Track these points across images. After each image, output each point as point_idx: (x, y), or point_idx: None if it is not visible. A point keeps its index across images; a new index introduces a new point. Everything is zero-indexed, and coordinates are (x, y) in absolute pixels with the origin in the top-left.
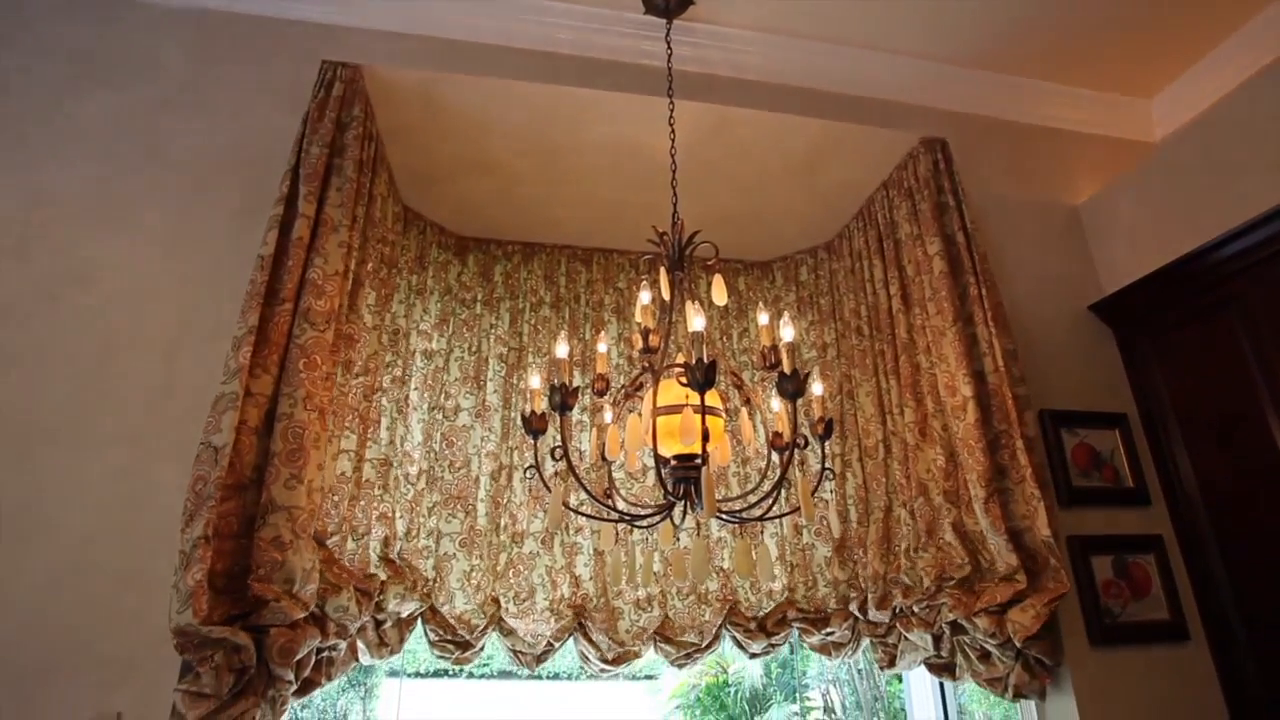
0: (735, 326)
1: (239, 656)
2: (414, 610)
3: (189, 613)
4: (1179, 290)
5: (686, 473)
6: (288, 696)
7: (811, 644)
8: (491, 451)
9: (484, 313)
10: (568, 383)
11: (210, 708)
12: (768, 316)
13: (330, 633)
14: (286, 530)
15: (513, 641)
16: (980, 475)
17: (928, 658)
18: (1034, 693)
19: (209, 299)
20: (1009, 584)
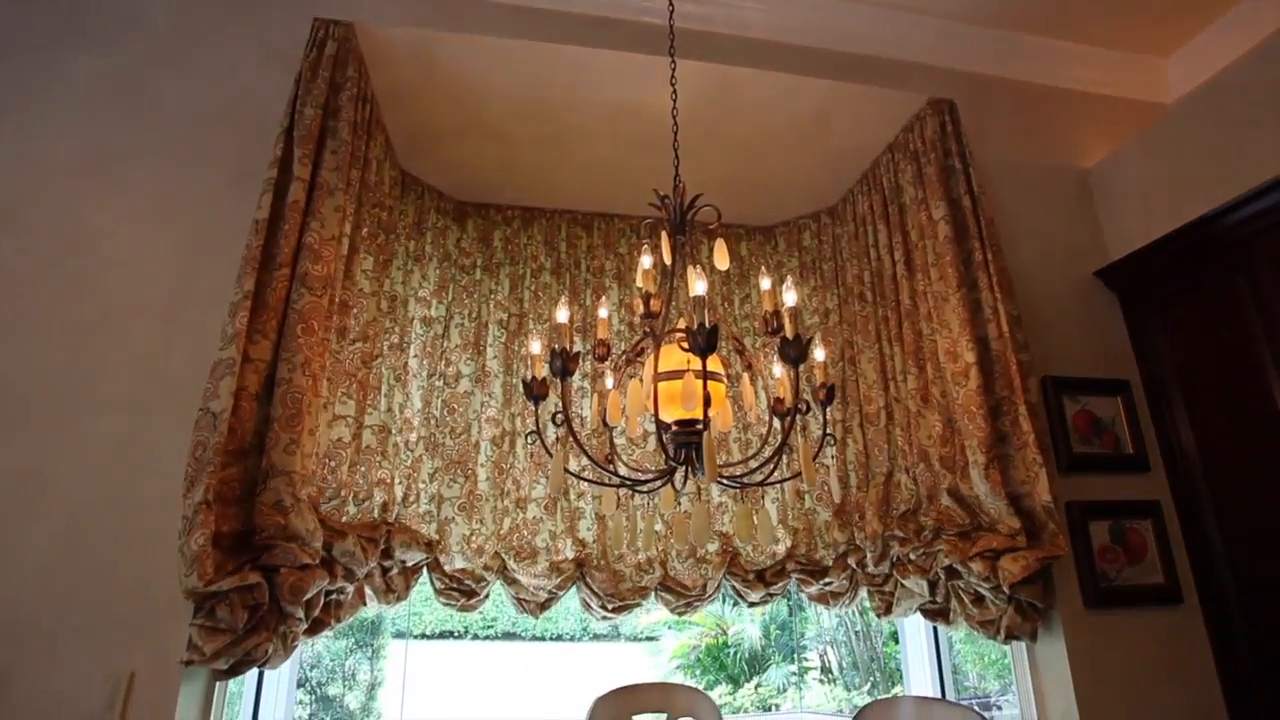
0: (737, 292)
1: (252, 594)
2: (419, 560)
3: (194, 576)
4: (1187, 256)
5: (688, 438)
6: (299, 633)
7: (810, 594)
8: (492, 417)
9: (484, 279)
10: (568, 348)
11: (226, 641)
12: (770, 281)
13: (338, 575)
14: (287, 495)
15: (516, 590)
16: (981, 441)
17: (923, 604)
18: (1025, 635)
19: (206, 264)
20: (1006, 536)
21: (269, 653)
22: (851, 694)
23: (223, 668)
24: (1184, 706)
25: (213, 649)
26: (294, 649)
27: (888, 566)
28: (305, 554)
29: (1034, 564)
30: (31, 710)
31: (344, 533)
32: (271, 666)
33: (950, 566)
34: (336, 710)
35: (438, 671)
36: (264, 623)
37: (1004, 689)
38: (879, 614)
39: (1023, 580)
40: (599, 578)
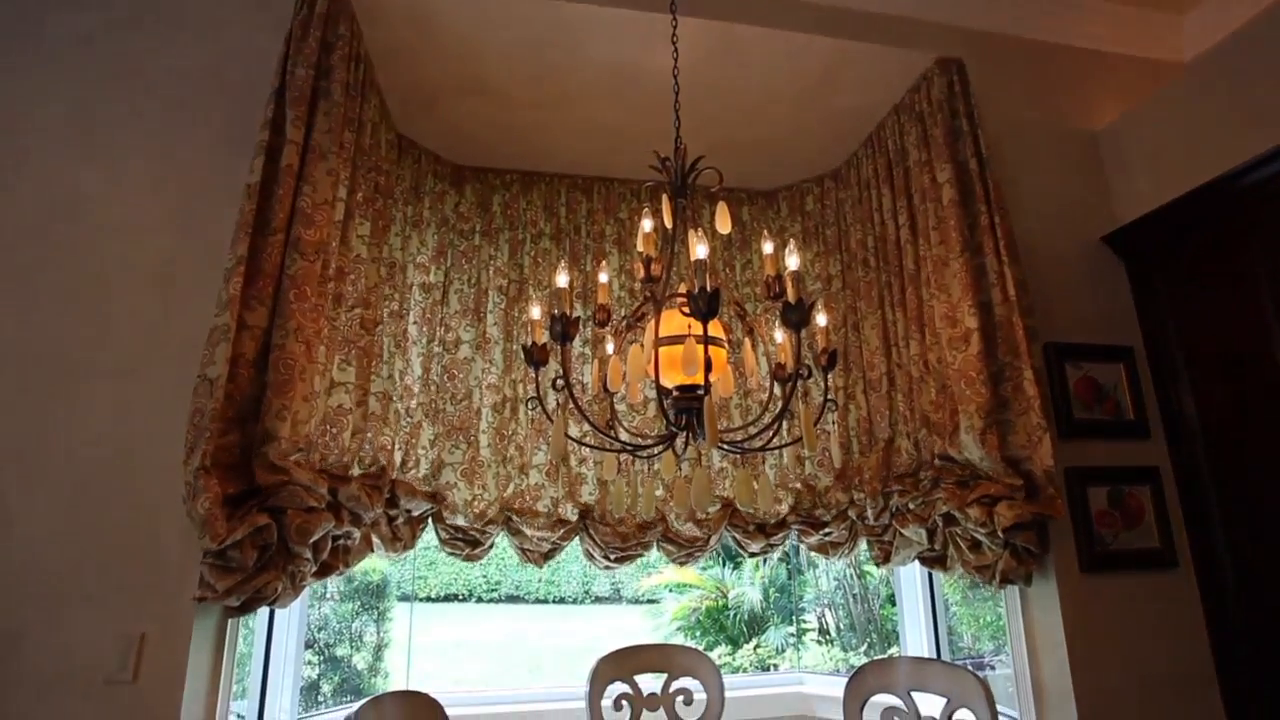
0: (738, 258)
1: (262, 535)
2: (424, 510)
3: (207, 539)
4: (1198, 220)
5: (689, 403)
6: (306, 573)
7: (810, 544)
8: (493, 384)
9: (483, 244)
10: (568, 313)
11: (237, 580)
12: (772, 245)
13: (345, 520)
14: (278, 459)
15: (520, 540)
16: (979, 407)
17: (921, 551)
18: (1020, 579)
19: (201, 229)
20: (1005, 486)
21: (278, 591)
22: (848, 654)
23: (234, 604)
24: (1173, 668)
25: (224, 586)
26: (303, 589)
27: (887, 517)
28: (311, 497)
29: (1027, 515)
30: (45, 670)
31: (347, 479)
32: (281, 605)
33: (948, 514)
34: (344, 670)
35: (443, 633)
36: (273, 562)
37: (997, 650)
38: (878, 563)
39: (1017, 525)
40: (601, 530)
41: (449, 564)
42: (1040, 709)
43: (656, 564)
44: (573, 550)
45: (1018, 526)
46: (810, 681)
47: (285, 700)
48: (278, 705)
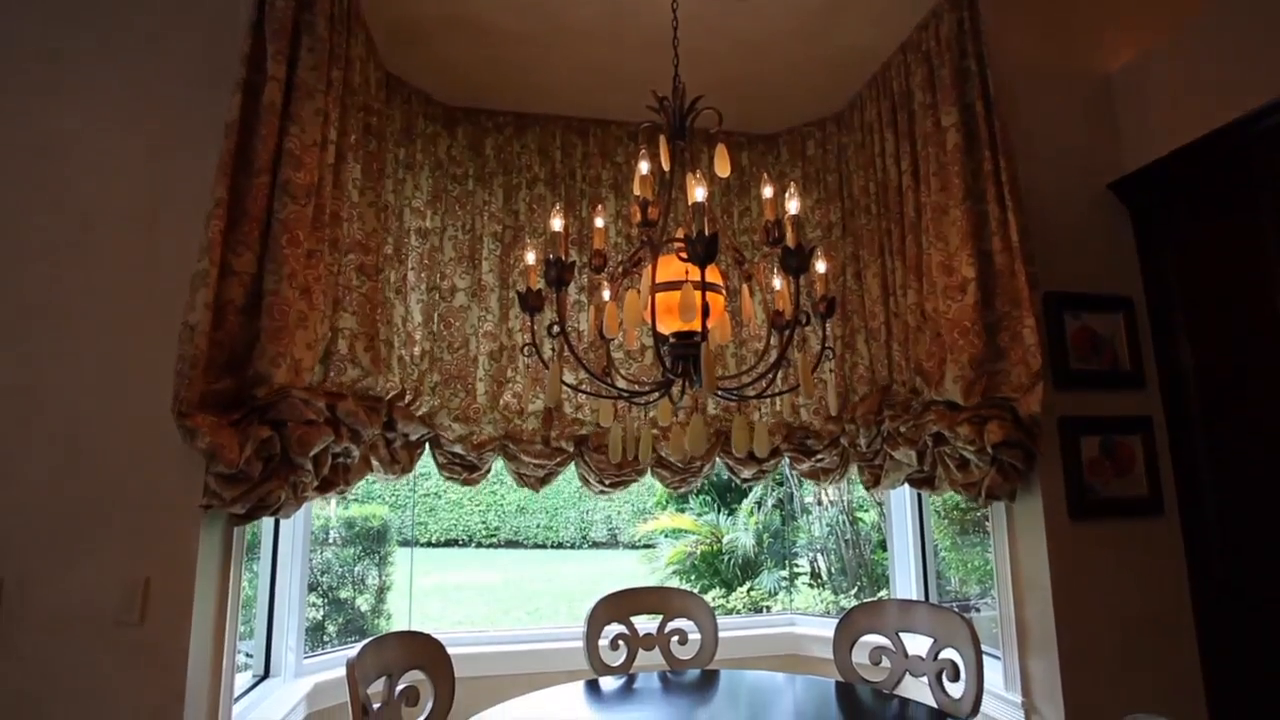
0: (737, 204)
1: (266, 446)
2: (421, 435)
3: (222, 466)
4: (1208, 168)
5: (686, 350)
6: (308, 485)
7: (801, 470)
8: (490, 331)
9: (477, 189)
10: (564, 257)
11: (243, 489)
12: (771, 189)
13: (344, 436)
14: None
15: (517, 465)
16: (972, 358)
17: (910, 473)
18: (1005, 495)
19: (183, 170)
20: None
21: (281, 500)
22: (839, 597)
23: (239, 512)
24: (1153, 611)
25: (231, 495)
26: (304, 500)
27: (879, 443)
28: (310, 410)
29: (1016, 436)
30: (53, 614)
31: (344, 395)
32: (284, 515)
33: (938, 434)
34: (348, 612)
35: (443, 577)
36: (276, 472)
37: (983, 593)
38: (868, 486)
39: (1005, 442)
40: (596, 458)
41: (449, 510)
42: (1023, 649)
43: (653, 510)
44: (571, 498)
45: (1006, 444)
46: (802, 623)
47: (291, 640)
48: (284, 645)
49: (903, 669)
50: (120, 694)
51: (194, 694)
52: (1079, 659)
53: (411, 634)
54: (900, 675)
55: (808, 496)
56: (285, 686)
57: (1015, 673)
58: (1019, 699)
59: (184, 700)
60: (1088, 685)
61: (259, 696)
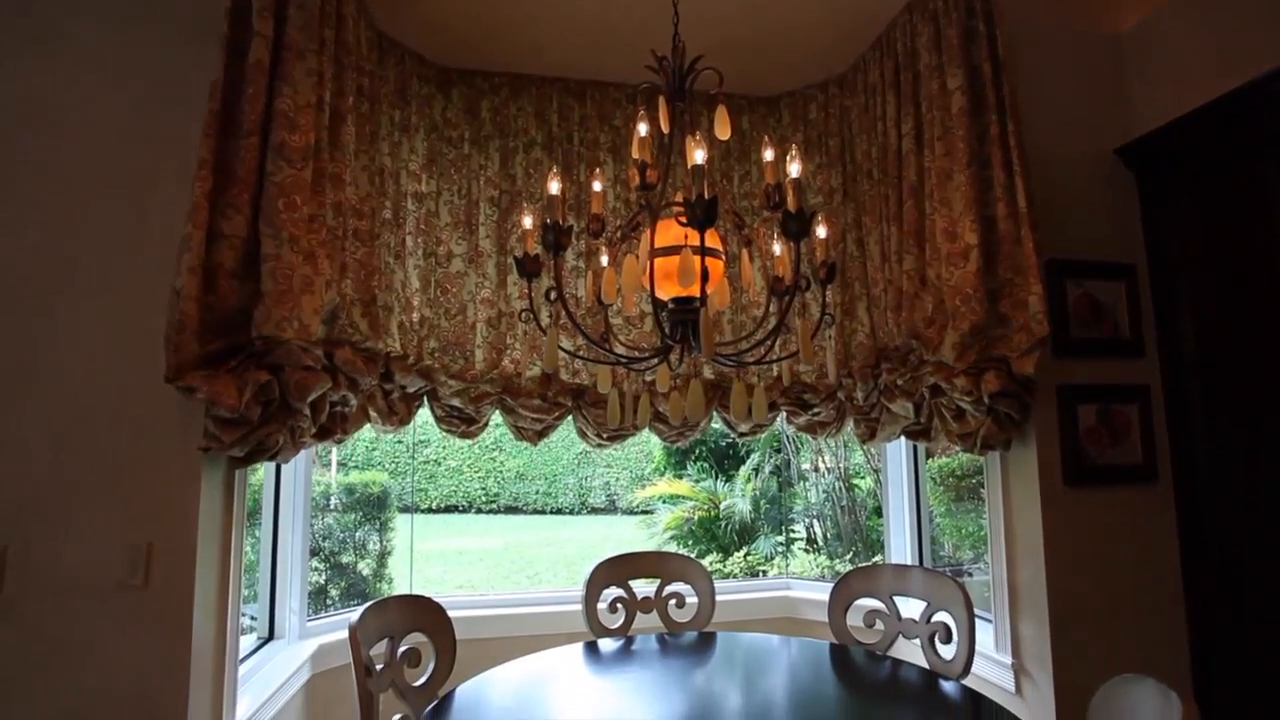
0: (737, 169)
1: (264, 391)
2: (419, 387)
3: (222, 410)
4: (1217, 133)
5: (684, 316)
6: (306, 430)
7: (798, 424)
8: (487, 298)
9: (472, 153)
10: (561, 221)
11: (242, 432)
12: (772, 152)
13: (342, 384)
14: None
15: (515, 419)
16: (973, 325)
17: (907, 425)
18: (1000, 444)
19: (173, 132)
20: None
21: (279, 444)
22: (834, 562)
23: (239, 455)
24: (1143, 576)
25: (230, 438)
26: (302, 445)
27: (875, 396)
28: (307, 357)
29: (1010, 388)
30: (58, 578)
31: (341, 343)
32: (283, 459)
33: (935, 385)
34: (350, 576)
35: (443, 542)
36: (275, 417)
37: (976, 558)
38: (863, 440)
39: (1001, 392)
40: (594, 412)
41: (448, 477)
42: (1014, 612)
43: (651, 476)
44: (570, 465)
45: (1002, 394)
46: (797, 587)
47: (294, 603)
48: (287, 608)
49: (896, 631)
50: (127, 656)
51: (199, 655)
52: (1069, 622)
53: (412, 597)
54: (893, 637)
55: (805, 464)
56: (289, 648)
57: (1006, 635)
58: (1009, 660)
59: (190, 661)
60: (1077, 648)
61: (264, 658)
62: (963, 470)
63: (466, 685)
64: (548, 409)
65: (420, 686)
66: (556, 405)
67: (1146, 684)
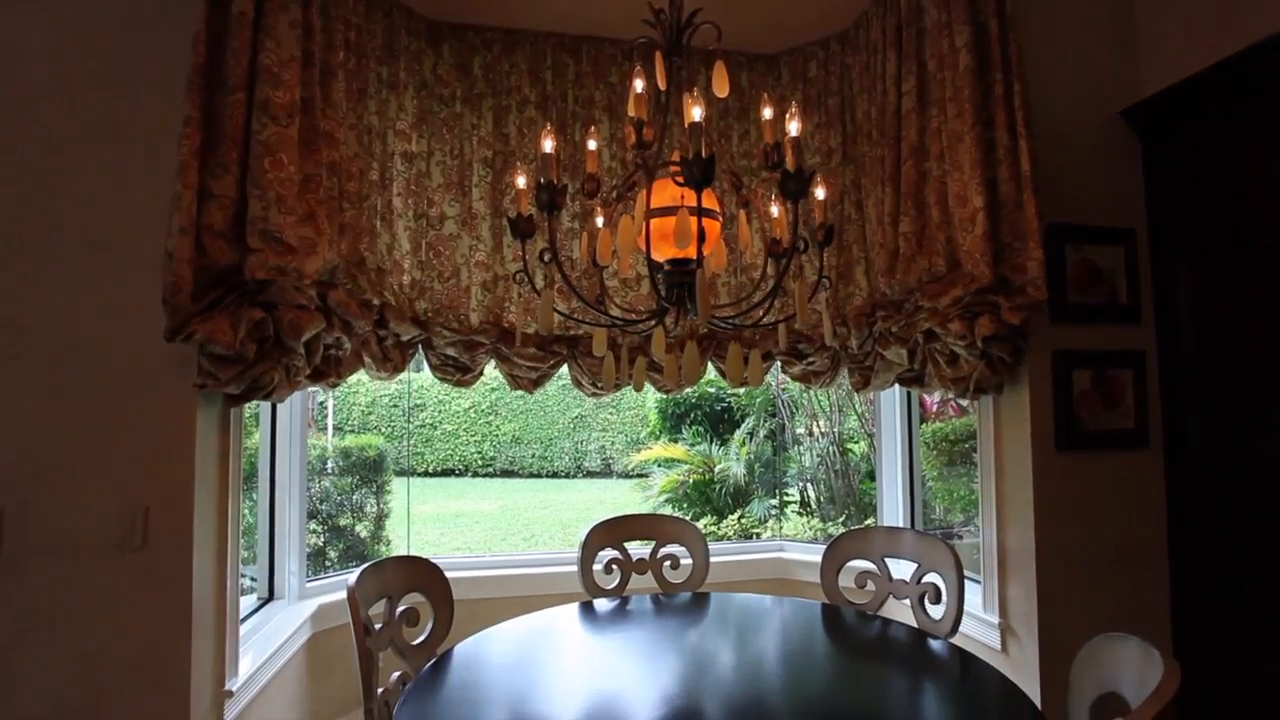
0: (736, 128)
1: (259, 329)
2: (413, 336)
3: (219, 348)
4: (1225, 96)
5: (680, 278)
6: (300, 370)
7: (792, 374)
8: (482, 261)
9: (464, 111)
10: (555, 181)
11: (238, 370)
12: (771, 111)
13: (336, 326)
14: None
15: (510, 368)
16: (979, 290)
17: (901, 373)
18: (992, 388)
19: (155, 87)
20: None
21: (275, 381)
22: (827, 525)
23: (234, 392)
24: (1130, 539)
25: (227, 375)
26: (297, 386)
27: (870, 344)
28: (301, 296)
29: (1004, 329)
30: (56, 541)
31: (335, 285)
32: (277, 398)
33: (929, 330)
34: (348, 538)
35: (440, 505)
36: (269, 355)
37: (966, 521)
38: (857, 388)
39: (995, 335)
40: (589, 361)
41: (444, 441)
42: (1002, 573)
43: (646, 440)
44: (565, 428)
45: (995, 337)
46: (790, 549)
47: (293, 564)
48: (286, 569)
49: (886, 592)
50: (128, 614)
51: (200, 613)
52: (1055, 583)
53: (409, 558)
54: (884, 598)
55: (799, 428)
56: (290, 608)
57: (994, 596)
58: (996, 620)
59: (191, 619)
60: (1062, 608)
61: (264, 617)
62: (956, 435)
63: (465, 643)
64: (543, 357)
65: (419, 645)
66: (552, 354)
67: (1130, 641)
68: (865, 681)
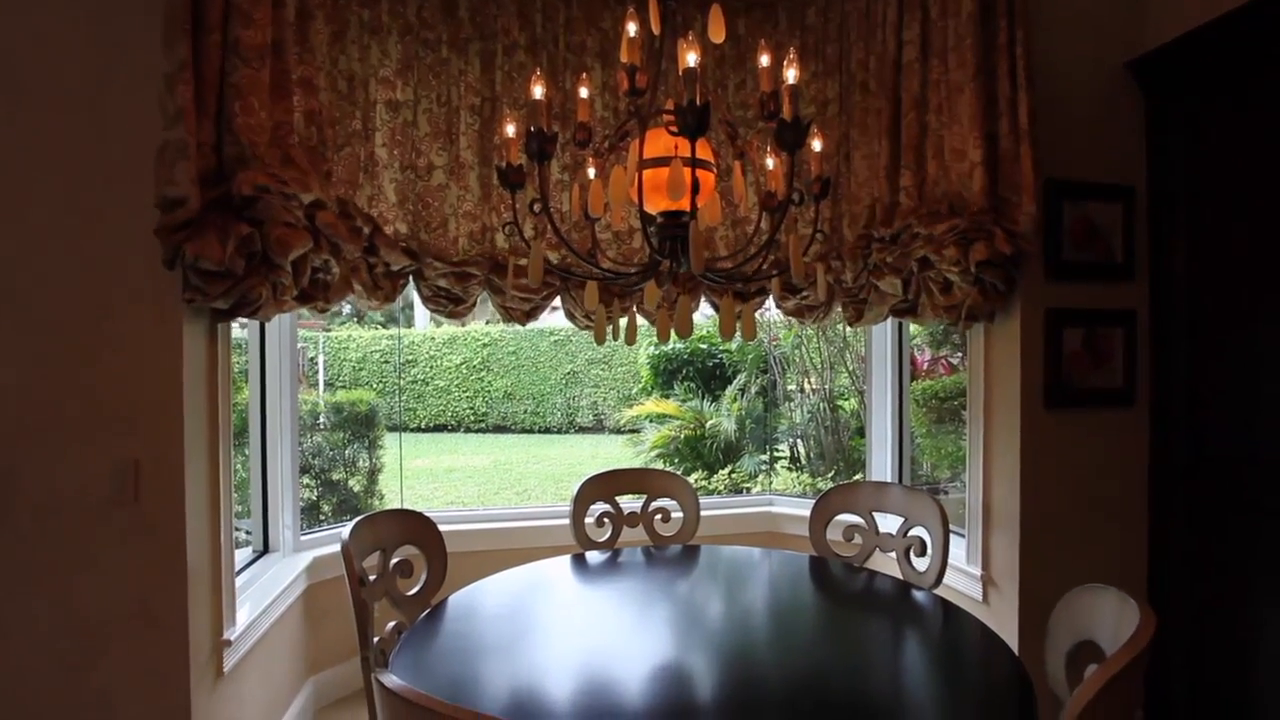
0: (731, 78)
1: (247, 244)
2: (404, 267)
3: (208, 264)
4: (1233, 48)
5: (674, 230)
6: (288, 287)
7: (786, 308)
8: (469, 211)
9: (451, 57)
10: (545, 128)
11: (227, 285)
12: (768, 58)
13: (324, 248)
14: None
15: (503, 299)
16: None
17: (894, 304)
18: (984, 315)
19: (130, 30)
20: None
21: (262, 298)
22: (816, 480)
23: (223, 307)
24: (1111, 495)
25: (216, 290)
26: (284, 306)
27: (865, 277)
28: (288, 213)
29: (998, 255)
30: (49, 497)
31: (323, 205)
32: (264, 316)
33: (924, 258)
34: (342, 493)
35: (433, 460)
36: (257, 271)
37: (953, 477)
38: (850, 322)
39: (988, 261)
40: (582, 294)
41: (436, 396)
42: (987, 527)
43: (638, 396)
44: (557, 384)
45: (988, 263)
46: (780, 503)
47: (287, 517)
48: (280, 522)
49: (873, 545)
50: (125, 568)
51: (196, 564)
52: (1038, 537)
53: (402, 511)
54: (870, 551)
55: (791, 385)
56: (285, 561)
57: (977, 549)
58: (978, 572)
59: (186, 570)
60: (1043, 561)
61: (260, 570)
62: (945, 393)
63: (459, 593)
64: (536, 289)
65: (413, 596)
66: (545, 285)
67: (1109, 592)
68: (850, 630)
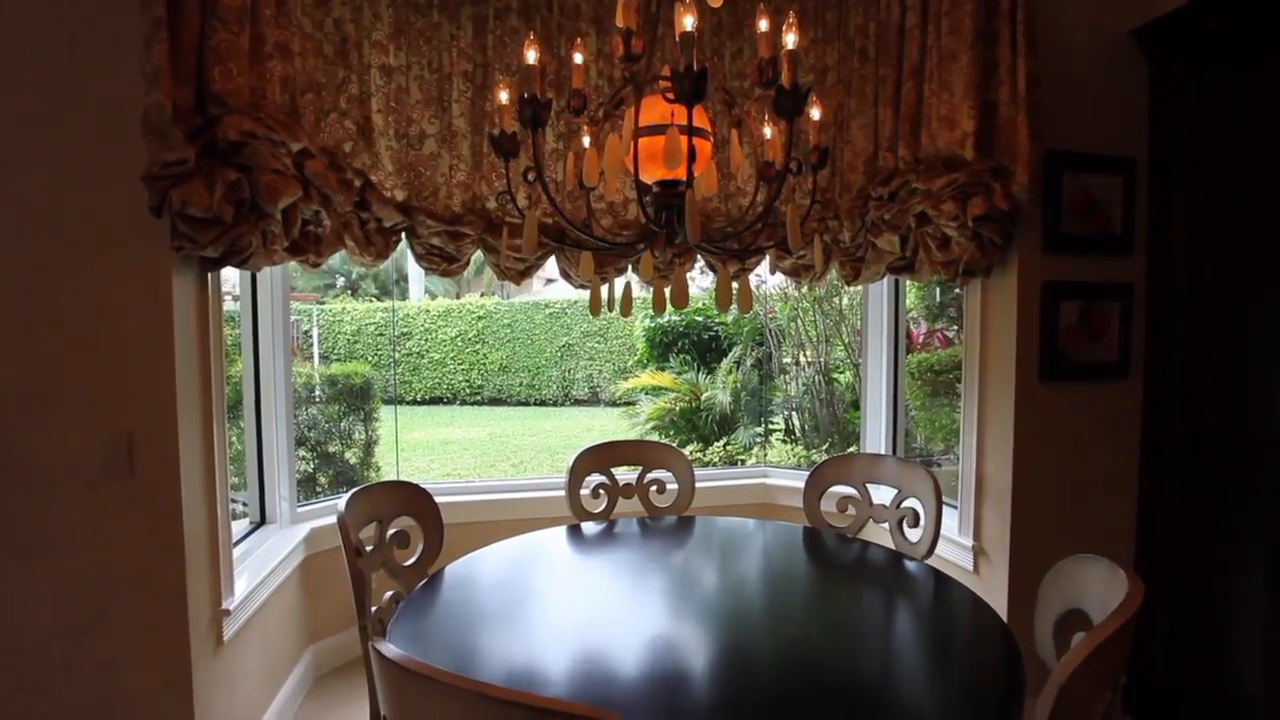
0: (729, 45)
1: (235, 191)
2: (396, 223)
3: (196, 210)
4: (1244, 17)
5: (670, 200)
6: (278, 236)
7: (783, 268)
8: (462, 181)
9: (442, 21)
10: (539, 95)
11: (216, 233)
12: (767, 23)
13: (314, 198)
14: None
15: (497, 258)
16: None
17: (892, 261)
18: (981, 270)
19: None
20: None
21: (252, 246)
22: (811, 453)
23: (212, 255)
24: (1102, 468)
25: (205, 238)
26: (274, 257)
27: (862, 236)
28: (275, 160)
29: (996, 209)
30: (43, 470)
31: (312, 154)
32: (254, 266)
33: (922, 214)
34: (338, 465)
35: (429, 433)
36: (246, 218)
37: (947, 450)
38: (847, 281)
39: (986, 215)
40: (577, 253)
41: (431, 369)
42: (979, 499)
43: (633, 368)
44: (553, 356)
45: (986, 217)
46: (774, 475)
47: (283, 489)
48: (276, 494)
49: (866, 516)
50: (124, 540)
51: (192, 535)
52: (1030, 509)
53: (398, 483)
54: (864, 522)
55: (786, 358)
56: (282, 532)
57: (970, 520)
58: (970, 543)
59: (183, 541)
60: (1034, 532)
61: (257, 541)
62: (940, 366)
63: (456, 563)
64: (530, 248)
65: (410, 566)
66: (540, 244)
67: (1099, 562)
68: (842, 599)
